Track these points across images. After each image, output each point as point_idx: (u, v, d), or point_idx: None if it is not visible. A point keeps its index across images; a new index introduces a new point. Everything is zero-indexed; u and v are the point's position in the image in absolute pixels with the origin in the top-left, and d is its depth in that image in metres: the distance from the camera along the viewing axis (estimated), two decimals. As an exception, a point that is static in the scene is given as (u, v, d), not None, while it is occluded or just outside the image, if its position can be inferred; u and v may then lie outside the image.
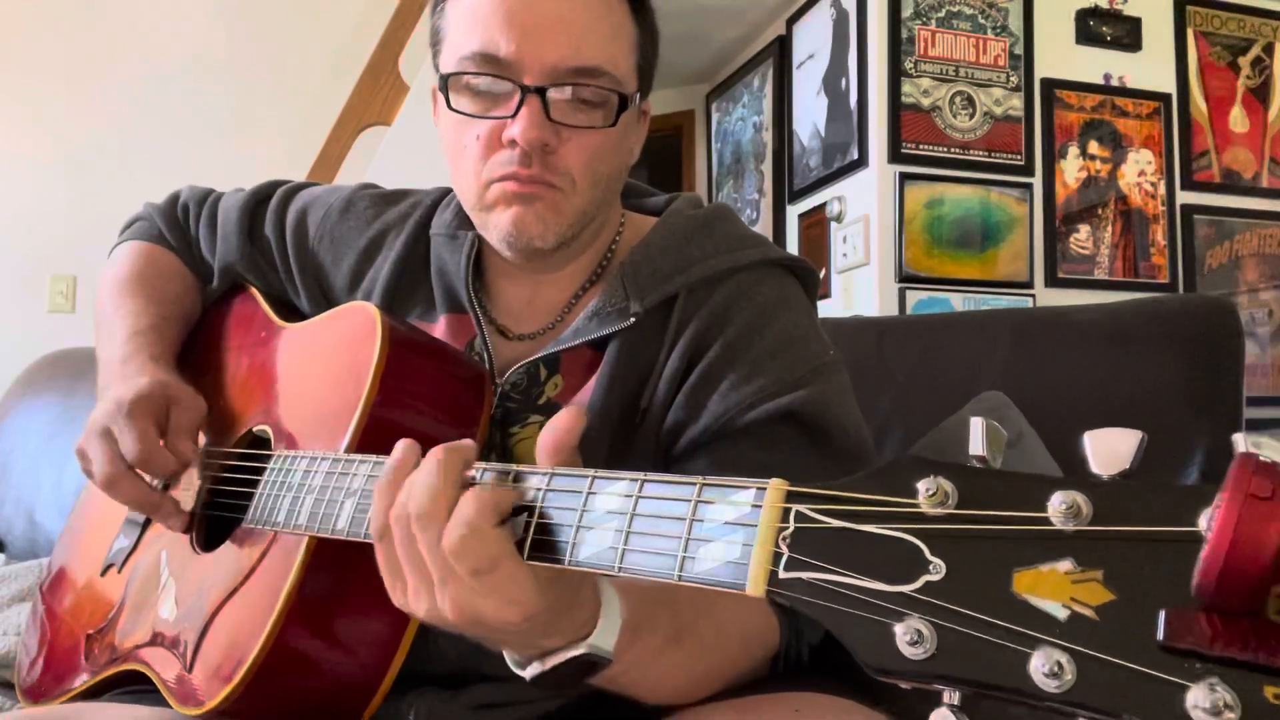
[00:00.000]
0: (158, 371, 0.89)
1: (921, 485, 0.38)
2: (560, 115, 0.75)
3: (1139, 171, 3.49)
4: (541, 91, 0.74)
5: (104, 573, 0.95)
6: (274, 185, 1.05)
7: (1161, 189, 3.51)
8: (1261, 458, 0.29)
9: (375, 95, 3.31)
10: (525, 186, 0.76)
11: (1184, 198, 3.54)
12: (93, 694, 0.87)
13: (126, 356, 0.92)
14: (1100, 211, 3.44)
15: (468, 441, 0.57)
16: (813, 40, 3.70)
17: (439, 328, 0.89)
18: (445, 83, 0.79)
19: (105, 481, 0.82)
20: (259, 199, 1.03)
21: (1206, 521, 0.30)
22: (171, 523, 0.84)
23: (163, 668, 0.78)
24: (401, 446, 0.57)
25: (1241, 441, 0.30)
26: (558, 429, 0.55)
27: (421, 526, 0.53)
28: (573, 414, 0.55)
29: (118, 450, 0.82)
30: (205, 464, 0.90)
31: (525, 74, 0.74)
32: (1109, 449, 0.35)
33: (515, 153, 0.75)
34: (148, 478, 0.84)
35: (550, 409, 0.82)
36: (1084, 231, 3.41)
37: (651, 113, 0.89)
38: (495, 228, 0.79)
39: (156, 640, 0.81)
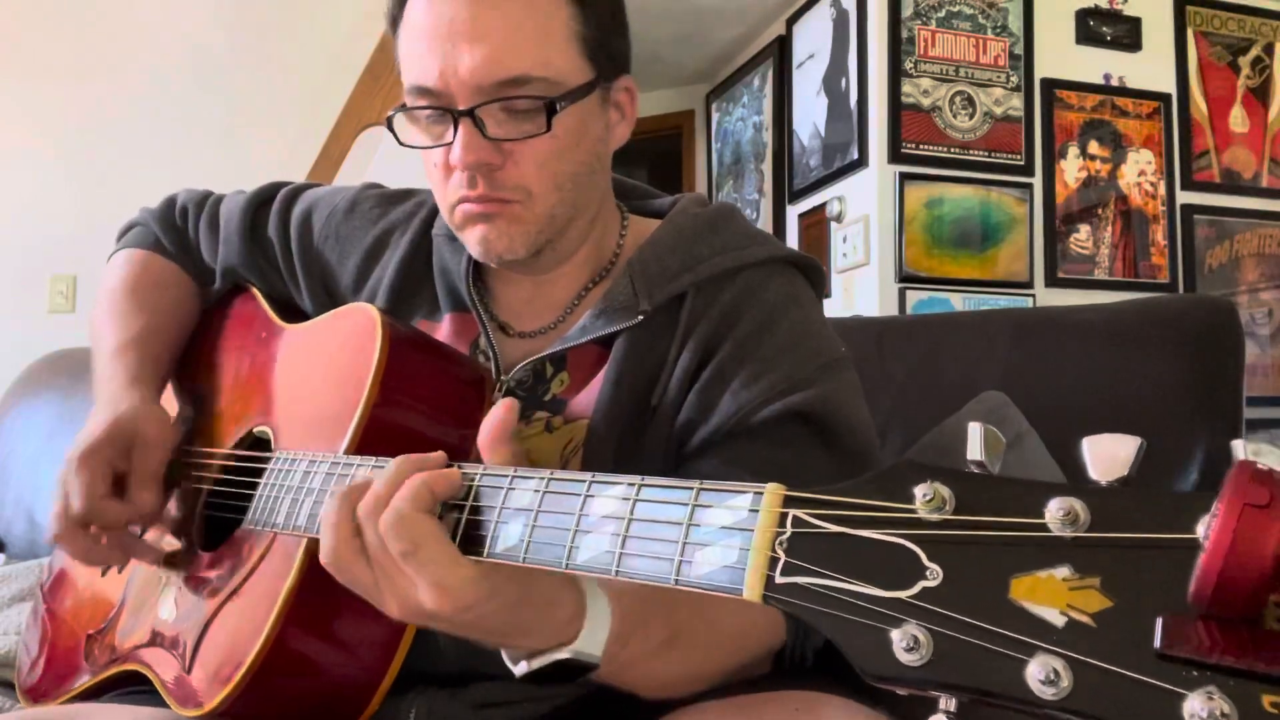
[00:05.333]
0: (131, 398, 0.88)
1: (919, 490, 0.38)
2: (498, 131, 0.75)
3: (1139, 171, 3.49)
4: (470, 113, 0.74)
5: (104, 573, 0.95)
6: (276, 186, 1.05)
7: (1161, 189, 3.51)
8: (1260, 465, 0.29)
9: (375, 95, 3.31)
10: (479, 206, 0.77)
11: (1184, 198, 3.54)
12: (93, 694, 0.87)
13: (110, 375, 0.92)
14: (1100, 211, 3.44)
15: (438, 454, 0.61)
16: (813, 40, 3.70)
17: (443, 327, 0.89)
18: (390, 121, 0.79)
19: (54, 538, 0.82)
20: (261, 200, 1.03)
21: (1204, 529, 0.30)
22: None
23: (162, 668, 0.78)
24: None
25: (1240, 448, 0.30)
26: (492, 422, 0.60)
27: (368, 527, 0.58)
28: (507, 406, 0.61)
29: (66, 506, 0.82)
30: (206, 465, 0.90)
31: (454, 99, 0.74)
32: (1108, 455, 0.35)
33: (464, 175, 0.76)
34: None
35: (557, 405, 0.83)
36: (1084, 231, 3.41)
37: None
38: (469, 247, 0.81)
39: (156, 641, 0.81)
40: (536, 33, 0.75)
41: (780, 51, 3.94)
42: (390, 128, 0.79)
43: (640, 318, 0.80)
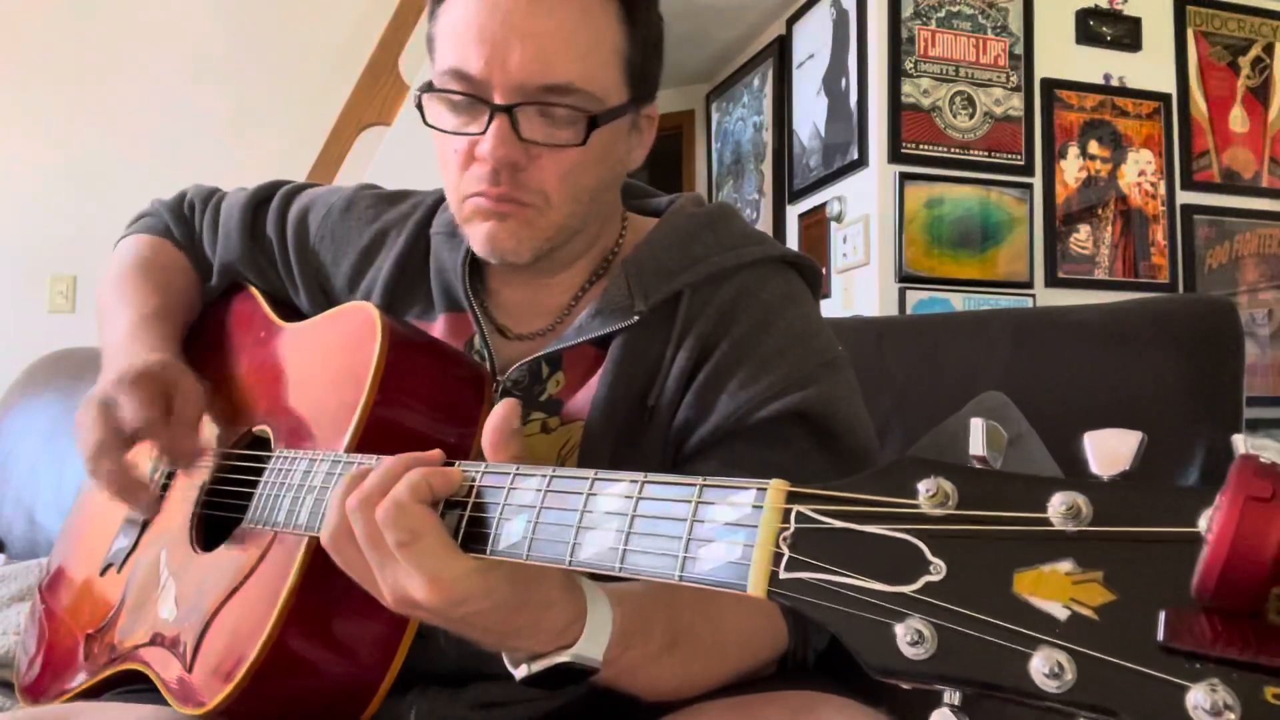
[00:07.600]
0: (162, 357, 0.87)
1: (922, 486, 0.38)
2: (531, 133, 0.74)
3: (1139, 171, 3.49)
4: (510, 109, 0.73)
5: (103, 572, 0.95)
6: (276, 185, 1.05)
7: (1161, 189, 3.51)
8: (1262, 459, 0.29)
9: (375, 95, 3.31)
10: (495, 204, 0.76)
11: (1184, 198, 3.54)
12: (92, 693, 0.87)
13: (133, 336, 0.91)
14: (1100, 211, 3.44)
15: (435, 452, 0.61)
16: (813, 40, 3.70)
17: (437, 326, 0.89)
18: (420, 98, 0.78)
19: (92, 451, 0.80)
20: (261, 198, 1.03)
21: (1207, 523, 0.30)
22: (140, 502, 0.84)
23: (162, 668, 0.78)
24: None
25: (1242, 443, 0.30)
26: (494, 423, 0.60)
27: (361, 515, 0.58)
28: (508, 405, 0.60)
29: (113, 418, 0.81)
30: (204, 464, 0.90)
31: (494, 91, 0.73)
32: (1109, 450, 0.35)
33: (486, 170, 0.75)
34: (143, 465, 0.83)
35: (552, 405, 0.83)
36: (1084, 231, 3.41)
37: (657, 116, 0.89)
38: (473, 241, 0.80)
39: (156, 640, 0.81)
40: (588, 45, 0.75)
41: (780, 51, 3.94)
42: (419, 105, 0.78)
43: (636, 318, 0.80)
